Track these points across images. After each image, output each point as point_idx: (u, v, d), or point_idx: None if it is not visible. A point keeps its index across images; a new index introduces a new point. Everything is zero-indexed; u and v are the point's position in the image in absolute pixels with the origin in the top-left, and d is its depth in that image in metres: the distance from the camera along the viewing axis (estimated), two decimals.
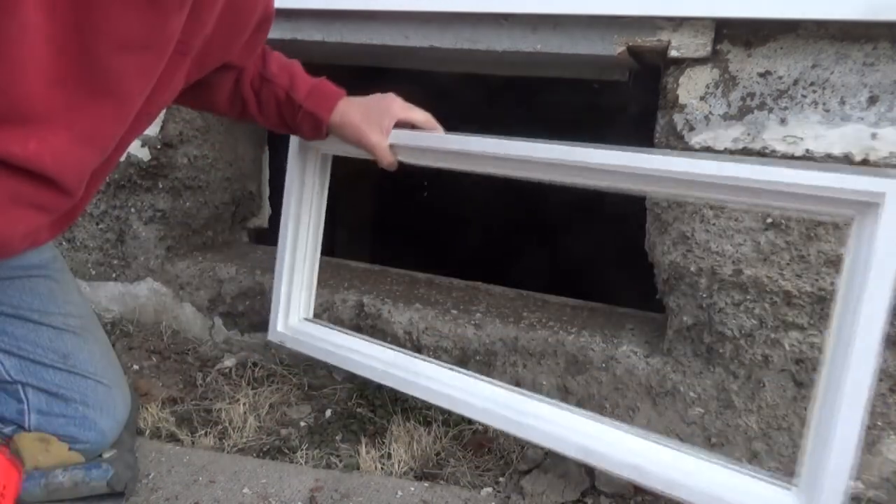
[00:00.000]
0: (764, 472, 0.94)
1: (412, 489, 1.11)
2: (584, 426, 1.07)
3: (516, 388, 1.17)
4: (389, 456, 1.19)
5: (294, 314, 1.41)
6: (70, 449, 1.04)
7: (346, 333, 1.36)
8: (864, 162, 1.06)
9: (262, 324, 1.50)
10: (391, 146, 1.12)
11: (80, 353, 1.08)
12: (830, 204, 0.85)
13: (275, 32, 1.44)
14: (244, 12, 0.93)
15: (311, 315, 1.43)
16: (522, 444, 1.20)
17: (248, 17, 0.95)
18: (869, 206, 0.82)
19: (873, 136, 1.06)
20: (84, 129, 0.75)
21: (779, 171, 0.85)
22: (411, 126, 1.13)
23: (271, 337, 1.40)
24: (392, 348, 1.30)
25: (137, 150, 1.61)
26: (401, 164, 1.16)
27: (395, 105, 1.12)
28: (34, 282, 1.07)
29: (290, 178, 1.36)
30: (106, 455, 1.07)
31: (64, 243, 1.72)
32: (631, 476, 0.99)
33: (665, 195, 1.16)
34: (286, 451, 1.24)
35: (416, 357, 1.27)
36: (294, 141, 1.33)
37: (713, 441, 1.21)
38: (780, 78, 1.12)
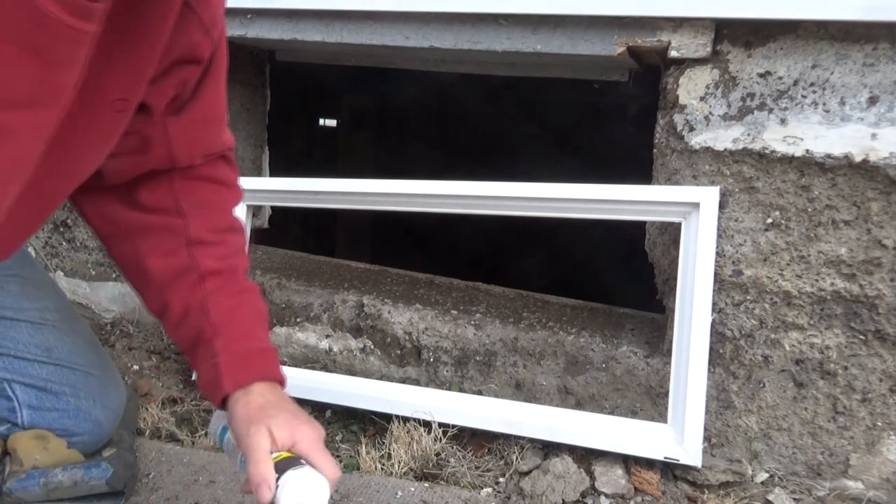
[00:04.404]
0: (644, 420, 1.21)
1: (412, 489, 1.10)
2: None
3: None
4: (389, 456, 1.19)
5: None
6: (69, 444, 1.03)
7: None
8: (864, 162, 1.06)
9: None
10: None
11: (63, 345, 1.06)
12: (665, 212, 1.19)
13: (275, 32, 1.45)
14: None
15: None
16: (522, 446, 1.20)
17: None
18: (691, 209, 1.16)
19: (873, 136, 1.06)
20: None
21: (634, 189, 1.19)
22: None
23: None
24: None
25: None
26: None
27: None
28: (3, 281, 1.05)
29: None
30: (105, 454, 1.07)
31: (64, 243, 1.72)
32: (545, 436, 1.20)
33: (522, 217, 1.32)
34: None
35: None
36: None
37: (713, 441, 1.21)
38: (780, 78, 1.12)
